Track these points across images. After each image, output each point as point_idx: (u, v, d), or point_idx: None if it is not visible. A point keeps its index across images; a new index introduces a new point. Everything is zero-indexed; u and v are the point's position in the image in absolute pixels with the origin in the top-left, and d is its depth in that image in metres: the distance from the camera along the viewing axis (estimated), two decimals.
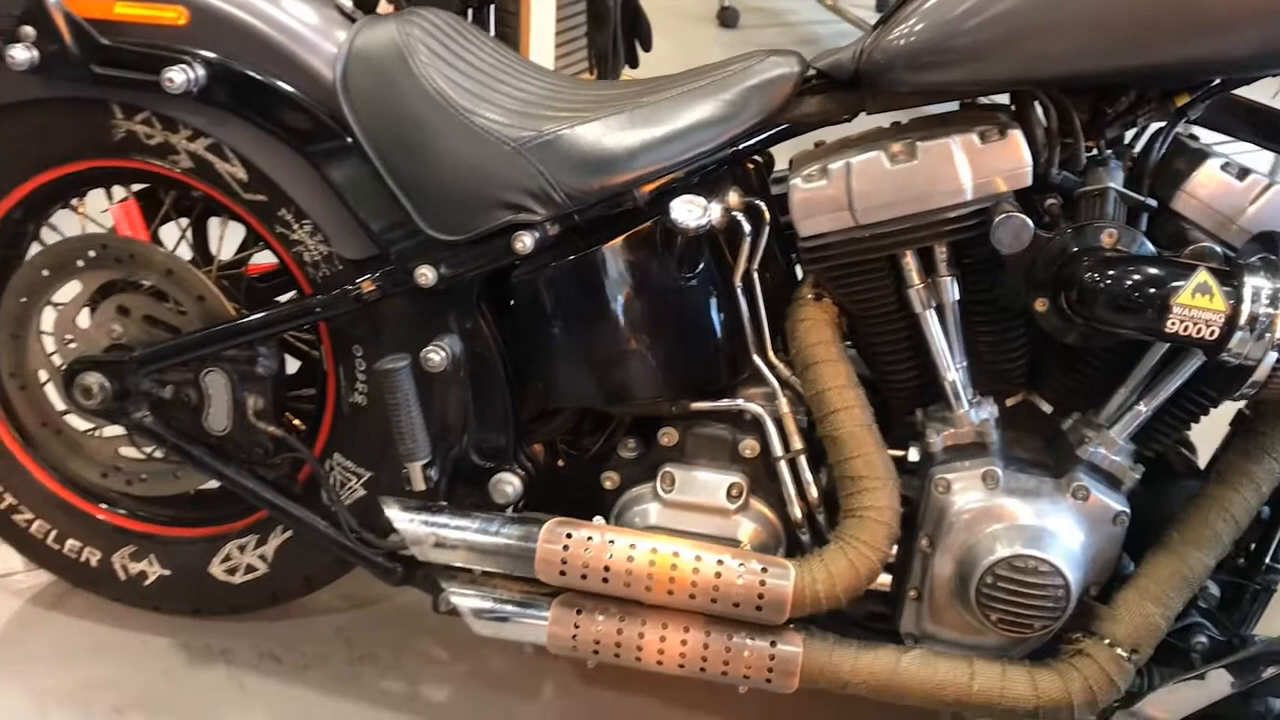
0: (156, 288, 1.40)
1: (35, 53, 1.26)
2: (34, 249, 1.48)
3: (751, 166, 1.32)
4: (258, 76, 1.26)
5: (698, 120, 1.23)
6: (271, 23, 1.27)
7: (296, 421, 1.50)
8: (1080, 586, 1.20)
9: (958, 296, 1.20)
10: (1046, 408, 1.27)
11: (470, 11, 2.30)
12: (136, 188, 1.47)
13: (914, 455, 1.26)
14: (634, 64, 2.77)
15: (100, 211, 1.49)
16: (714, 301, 1.27)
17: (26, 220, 1.47)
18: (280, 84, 1.26)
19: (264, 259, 1.48)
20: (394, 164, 1.25)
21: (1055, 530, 1.19)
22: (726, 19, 3.91)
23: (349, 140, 1.25)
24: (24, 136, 1.36)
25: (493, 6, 2.34)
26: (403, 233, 1.27)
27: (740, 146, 1.25)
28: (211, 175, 1.34)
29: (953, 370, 1.21)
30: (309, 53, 1.27)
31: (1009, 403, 1.27)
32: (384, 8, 2.29)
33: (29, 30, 1.26)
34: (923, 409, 1.27)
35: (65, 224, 1.50)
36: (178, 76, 1.23)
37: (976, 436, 1.23)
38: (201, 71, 1.25)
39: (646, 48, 2.76)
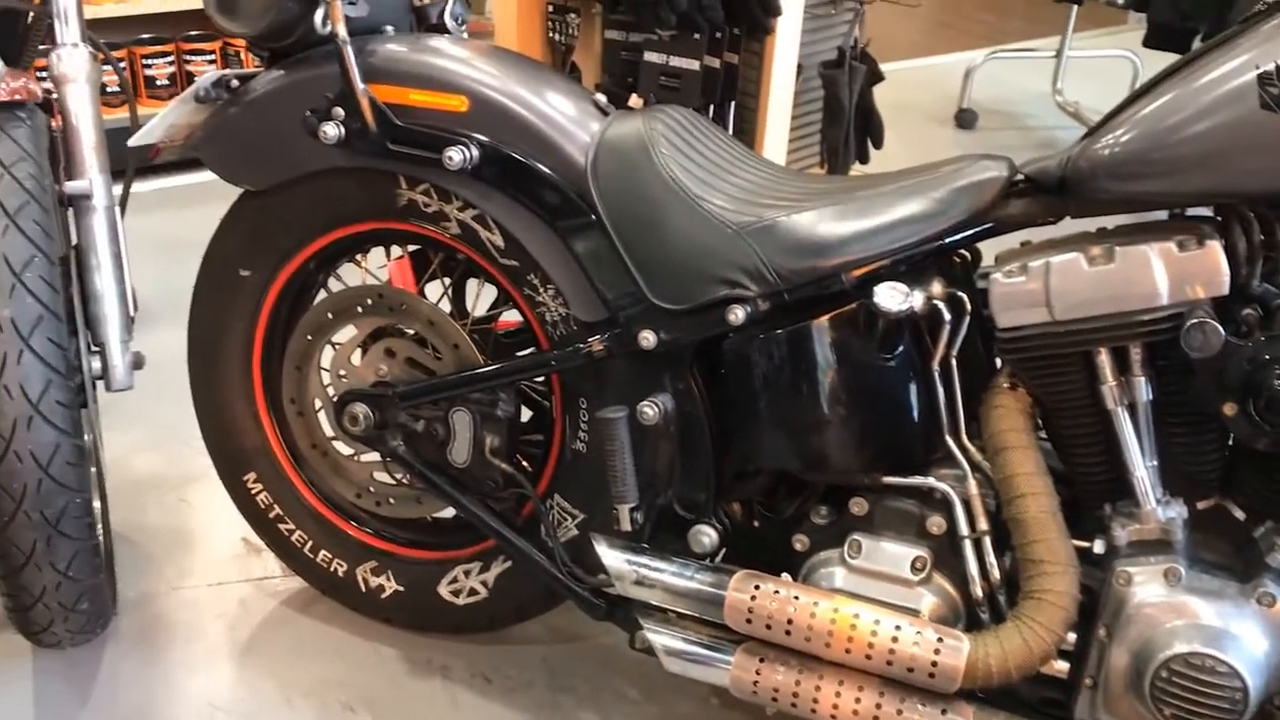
0: (419, 335, 1.61)
1: (342, 130, 1.49)
2: (320, 295, 1.73)
3: (958, 260, 1.41)
4: (522, 159, 1.45)
5: (906, 215, 1.34)
6: (537, 113, 1.47)
7: (525, 463, 1.67)
8: (1261, 693, 1.20)
9: (1151, 397, 1.24)
10: (1239, 514, 1.28)
11: (712, 107, 2.49)
12: (411, 247, 1.69)
13: (1099, 547, 1.30)
14: (864, 160, 2.89)
15: (378, 266, 1.73)
16: (912, 383, 1.36)
17: (318, 270, 1.71)
18: (540, 167, 1.44)
19: (510, 317, 1.68)
20: (630, 240, 1.41)
21: (1236, 633, 1.21)
22: (964, 120, 3.97)
23: (593, 218, 1.42)
24: (324, 199, 1.60)
25: (733, 103, 2.51)
26: (631, 300, 1.43)
27: (946, 241, 1.34)
28: (475, 241, 1.54)
29: (1142, 468, 1.25)
30: (566, 140, 1.46)
31: (1200, 505, 1.29)
32: (634, 102, 2.51)
33: (339, 111, 1.50)
34: (1111, 503, 1.30)
35: (348, 275, 1.74)
36: (456, 156, 1.44)
37: (1162, 534, 1.26)
38: (476, 152, 1.45)
39: (878, 145, 2.88)
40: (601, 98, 1.54)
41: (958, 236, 1.35)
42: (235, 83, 1.60)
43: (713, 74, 2.44)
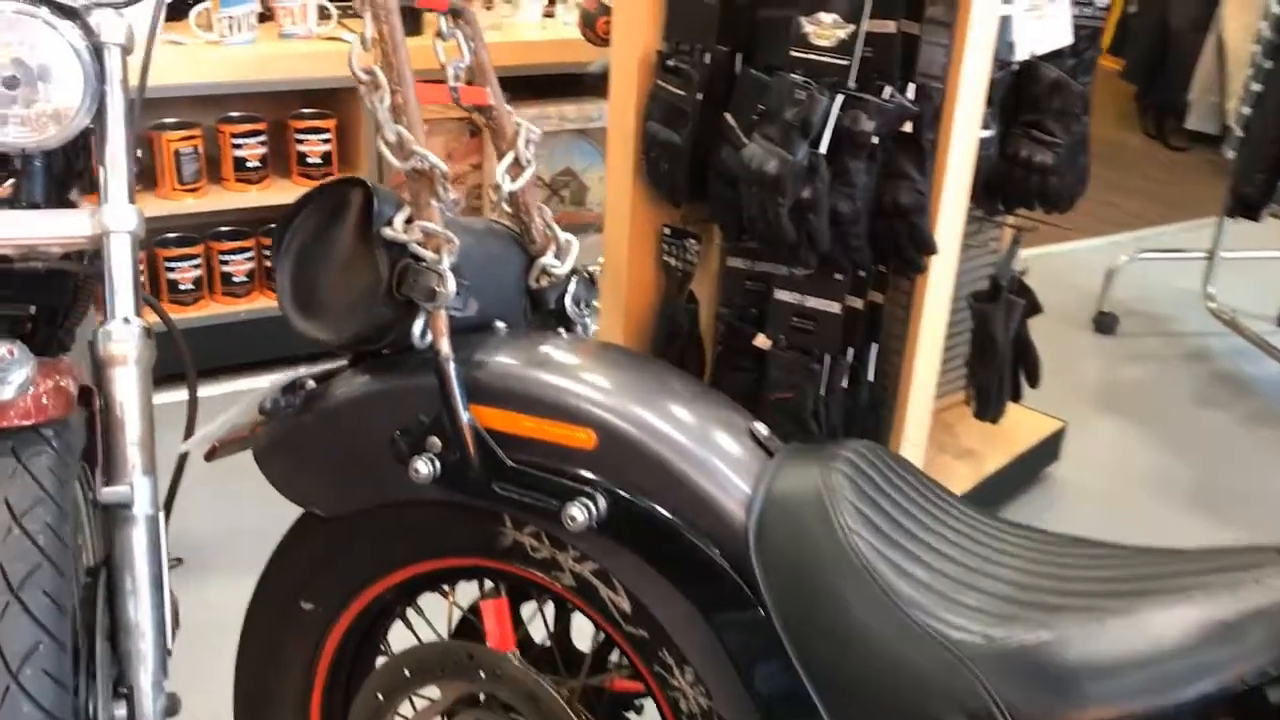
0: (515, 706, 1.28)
1: (438, 465, 1.19)
2: (396, 625, 1.41)
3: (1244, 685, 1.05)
4: (661, 518, 1.13)
5: (1191, 645, 0.98)
6: (685, 455, 1.15)
7: None
8: None
9: None
10: None
11: (851, 351, 2.18)
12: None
13: None
14: (1017, 398, 2.54)
15: (471, 603, 1.40)
16: None
17: (396, 601, 1.40)
18: (685, 531, 1.12)
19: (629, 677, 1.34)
20: (804, 645, 1.07)
21: None
22: (1103, 325, 3.61)
23: (755, 608, 1.09)
24: (409, 531, 1.30)
25: (875, 346, 2.20)
26: (803, 715, 1.08)
27: (1244, 686, 0.98)
28: (594, 599, 1.22)
29: None
30: (722, 493, 1.14)
31: None
32: (760, 342, 2.20)
33: (434, 440, 1.20)
34: None
35: (430, 603, 1.43)
36: (578, 515, 1.12)
37: None
38: (603, 504, 1.14)
39: (1034, 383, 2.53)
40: (762, 428, 1.23)
41: (1259, 681, 0.99)
42: (311, 383, 1.31)
43: (855, 316, 2.13)
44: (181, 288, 2.92)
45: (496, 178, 1.33)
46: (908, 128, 1.99)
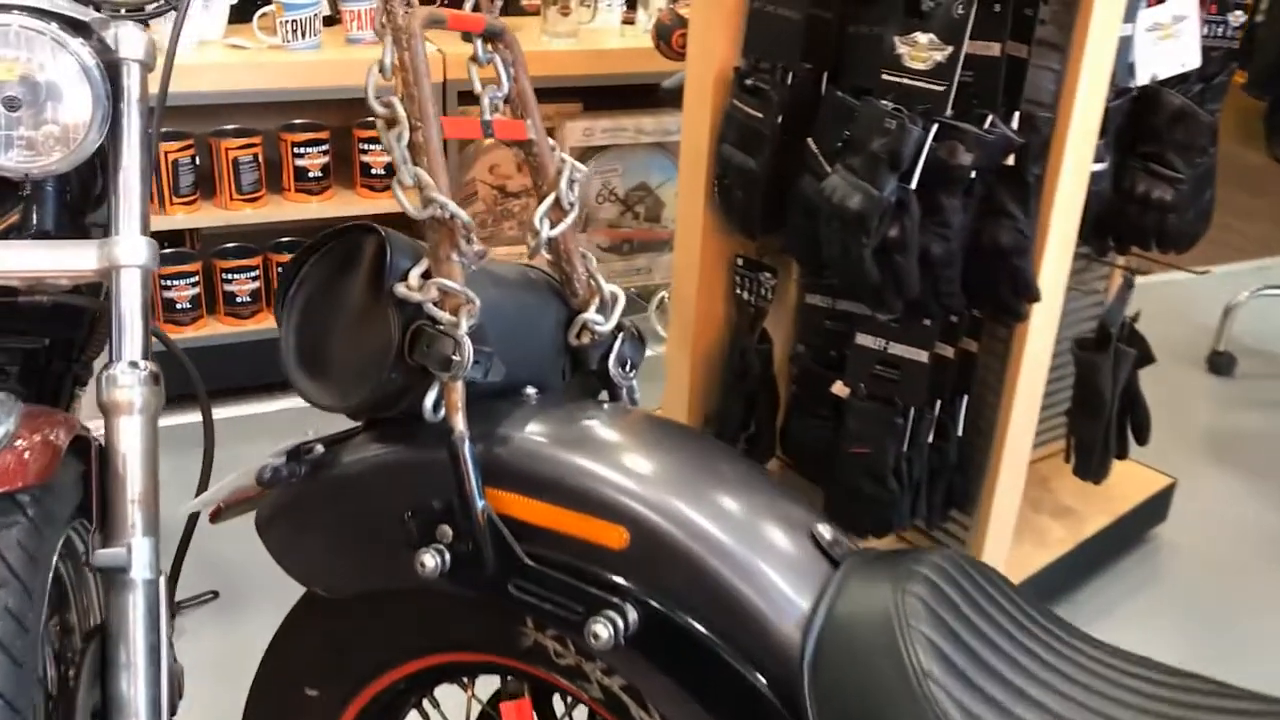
0: None
1: (447, 559, 1.04)
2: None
3: None
4: (700, 637, 0.96)
5: None
6: (728, 560, 0.98)
7: None
8: None
9: None
10: None
11: (939, 403, 1.98)
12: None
13: None
14: (1123, 455, 2.31)
15: (492, 696, 1.25)
16: None
17: (410, 690, 1.25)
18: (727, 655, 0.95)
19: None
20: None
21: None
22: (1219, 365, 3.33)
23: None
24: (421, 618, 1.16)
25: (965, 397, 1.99)
26: None
27: None
28: (623, 715, 1.06)
29: None
30: (771, 608, 0.96)
31: None
32: (838, 389, 2.02)
33: (445, 529, 1.05)
34: None
35: (449, 697, 1.28)
36: (603, 633, 0.96)
37: None
38: (633, 617, 0.97)
39: (1142, 440, 2.30)
40: (826, 530, 1.04)
41: None
42: (319, 448, 1.17)
43: (944, 365, 1.93)
44: (238, 300, 2.83)
45: (535, 221, 1.17)
46: (1010, 161, 1.78)
